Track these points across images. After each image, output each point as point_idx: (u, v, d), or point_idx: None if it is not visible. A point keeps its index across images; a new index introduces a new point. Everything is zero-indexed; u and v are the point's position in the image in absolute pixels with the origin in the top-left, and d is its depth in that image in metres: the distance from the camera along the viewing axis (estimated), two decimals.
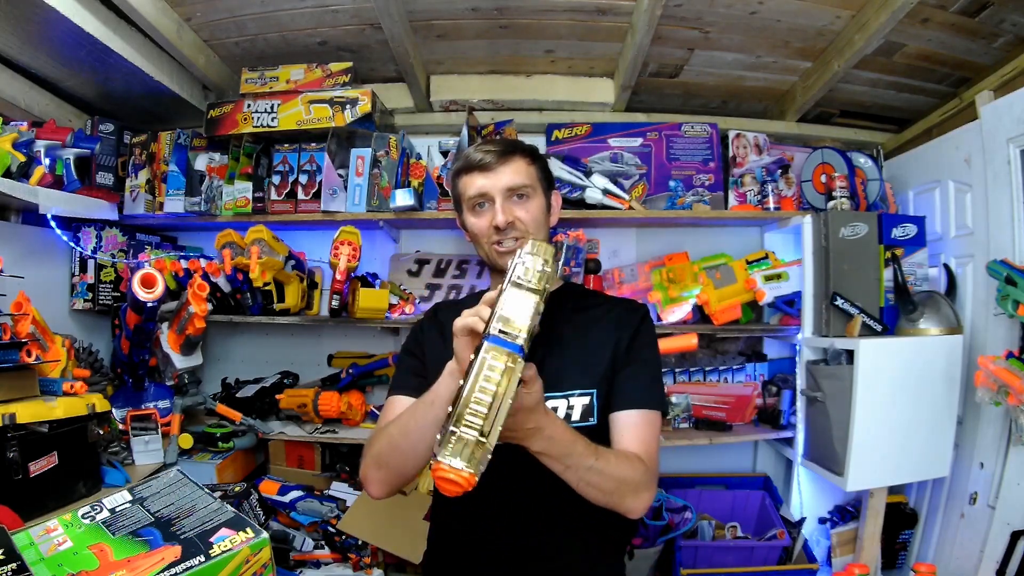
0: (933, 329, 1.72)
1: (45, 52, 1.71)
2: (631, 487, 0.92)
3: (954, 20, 1.65)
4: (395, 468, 0.98)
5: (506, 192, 1.07)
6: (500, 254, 1.08)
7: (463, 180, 1.11)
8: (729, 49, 1.90)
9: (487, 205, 1.08)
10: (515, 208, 1.07)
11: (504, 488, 1.04)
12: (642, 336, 1.08)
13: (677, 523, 1.93)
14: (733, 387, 2.17)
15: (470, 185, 1.09)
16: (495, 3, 1.71)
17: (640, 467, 0.94)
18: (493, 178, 1.07)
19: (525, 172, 1.09)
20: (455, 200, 1.17)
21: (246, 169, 2.03)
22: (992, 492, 1.61)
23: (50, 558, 0.80)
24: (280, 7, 1.71)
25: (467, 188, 1.10)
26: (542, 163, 1.15)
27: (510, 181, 1.07)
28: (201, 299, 1.72)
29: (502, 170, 1.07)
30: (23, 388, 1.38)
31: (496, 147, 1.09)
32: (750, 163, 2.14)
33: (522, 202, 1.08)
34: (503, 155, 1.08)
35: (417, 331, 1.18)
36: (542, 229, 1.11)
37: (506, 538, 1.03)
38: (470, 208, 1.11)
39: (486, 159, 1.07)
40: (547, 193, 1.14)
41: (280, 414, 2.12)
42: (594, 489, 0.90)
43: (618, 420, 1.00)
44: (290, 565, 1.82)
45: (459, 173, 1.13)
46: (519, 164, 1.09)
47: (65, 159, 1.81)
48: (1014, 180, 1.61)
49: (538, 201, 1.10)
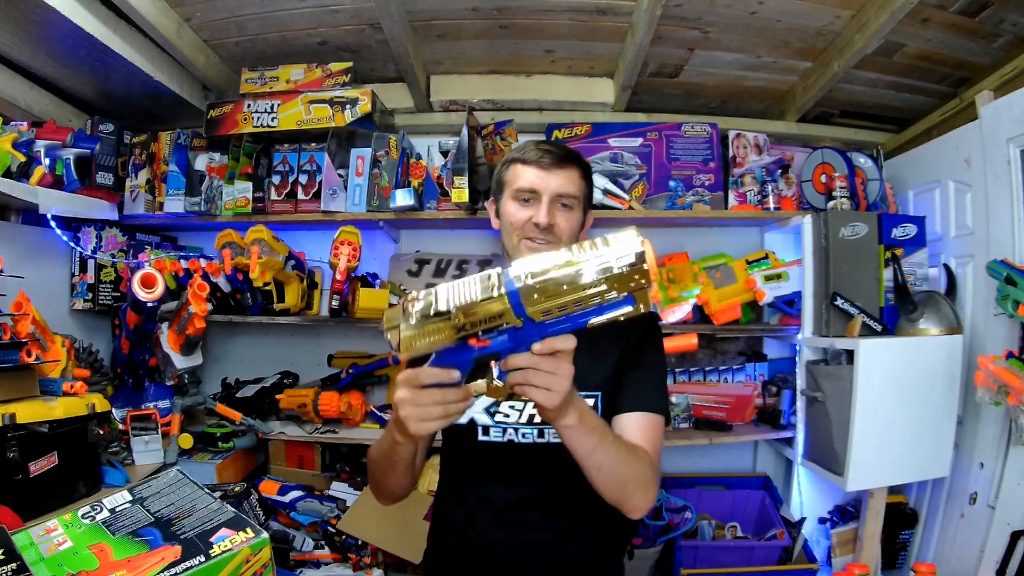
0: (933, 329, 1.72)
1: (45, 52, 1.71)
2: (641, 482, 0.92)
3: (954, 20, 1.65)
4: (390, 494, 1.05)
5: (555, 196, 1.07)
6: (527, 249, 1.08)
7: (515, 169, 1.10)
8: (729, 49, 1.90)
9: (532, 201, 1.08)
10: (558, 214, 1.07)
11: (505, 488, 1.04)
12: (650, 340, 1.08)
13: (677, 523, 1.93)
14: (733, 387, 2.17)
15: (521, 176, 1.08)
16: (495, 3, 1.71)
17: (648, 462, 0.94)
18: (547, 178, 1.07)
19: (576, 184, 1.09)
20: (497, 184, 1.15)
21: (246, 169, 2.03)
22: (992, 492, 1.61)
23: (50, 558, 0.80)
24: (280, 7, 1.71)
25: (517, 178, 1.09)
26: (590, 181, 1.15)
27: (561, 187, 1.07)
28: (201, 299, 1.72)
29: (557, 174, 1.07)
30: (23, 388, 1.38)
31: (557, 150, 1.09)
32: (750, 163, 2.14)
33: (565, 211, 1.08)
34: (562, 160, 1.08)
35: None
36: (572, 242, 1.11)
37: (506, 538, 1.03)
38: (514, 198, 1.10)
39: (545, 159, 1.07)
40: (586, 210, 1.14)
41: (280, 414, 2.12)
42: (609, 478, 0.88)
43: (623, 422, 1.00)
44: (290, 565, 1.82)
45: (513, 162, 1.12)
46: (574, 174, 1.09)
47: (65, 159, 1.81)
48: (1014, 180, 1.61)
49: (578, 215, 1.10)
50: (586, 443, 0.83)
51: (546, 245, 1.07)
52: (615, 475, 0.88)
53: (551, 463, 0.97)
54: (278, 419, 2.12)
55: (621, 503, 0.91)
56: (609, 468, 0.86)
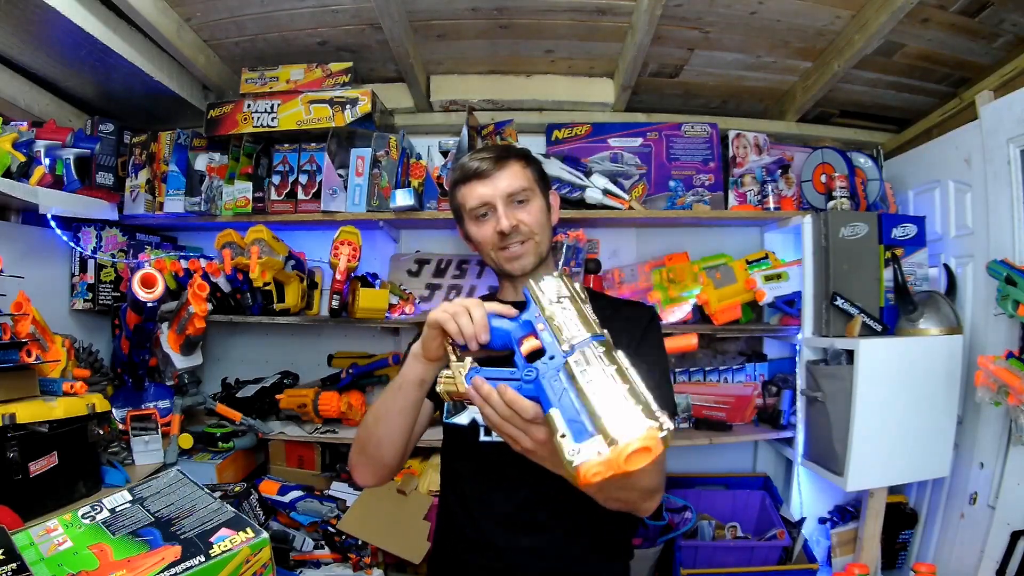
0: (933, 329, 1.72)
1: (45, 52, 1.71)
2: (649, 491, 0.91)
3: (954, 20, 1.65)
4: (374, 455, 1.00)
5: (507, 198, 1.07)
6: (508, 259, 1.09)
7: (462, 191, 1.11)
8: (729, 49, 1.90)
9: (489, 213, 1.08)
10: (517, 212, 1.08)
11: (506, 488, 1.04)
12: (650, 337, 1.08)
13: (677, 523, 1.93)
14: (733, 387, 2.17)
15: (470, 195, 1.09)
16: (495, 3, 1.71)
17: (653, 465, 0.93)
18: (492, 185, 1.07)
19: (522, 175, 1.09)
20: (455, 212, 1.16)
21: (246, 169, 2.03)
22: (992, 492, 1.61)
23: (50, 558, 0.80)
24: (280, 7, 1.71)
25: (467, 198, 1.10)
26: (537, 165, 1.15)
27: (509, 186, 1.07)
28: (201, 299, 1.72)
29: (500, 176, 1.07)
30: (23, 388, 1.38)
31: (491, 153, 1.10)
32: (750, 163, 2.14)
33: (523, 206, 1.09)
34: (499, 161, 1.08)
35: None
36: (545, 230, 1.12)
37: (509, 538, 1.03)
38: (472, 218, 1.11)
39: (483, 166, 1.07)
40: (545, 194, 1.14)
41: (280, 414, 2.12)
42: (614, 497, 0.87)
43: None
44: (290, 565, 1.82)
45: (457, 184, 1.13)
46: (515, 168, 1.09)
47: (65, 159, 1.80)
48: (1014, 180, 1.61)
49: (538, 203, 1.11)
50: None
51: (521, 246, 1.08)
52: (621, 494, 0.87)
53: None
54: (278, 419, 2.12)
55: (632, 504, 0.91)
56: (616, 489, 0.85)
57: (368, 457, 1.01)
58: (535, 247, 1.10)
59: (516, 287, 1.14)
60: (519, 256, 1.09)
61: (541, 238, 1.11)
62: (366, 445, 1.01)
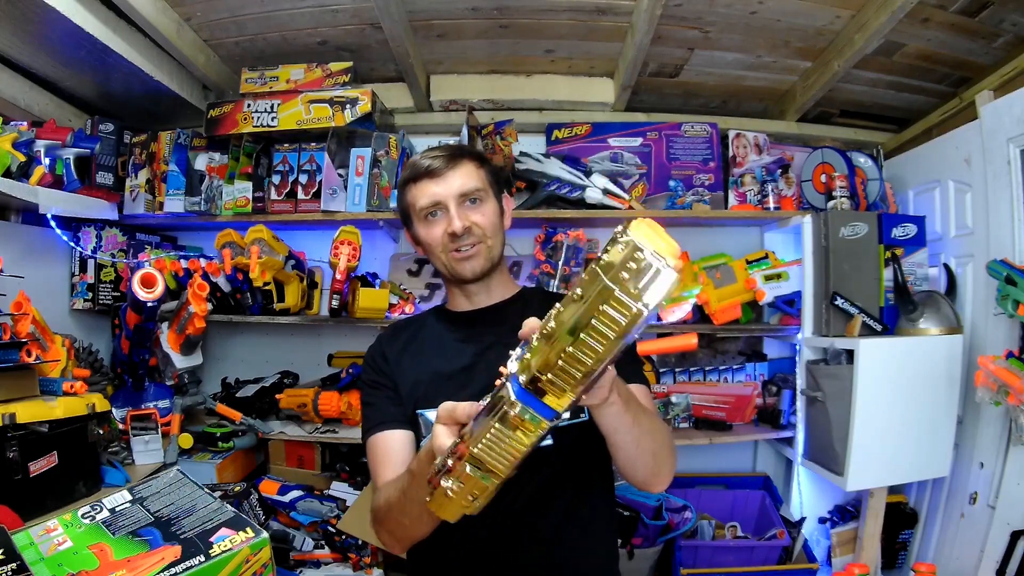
0: (933, 329, 1.72)
1: (45, 52, 1.71)
2: (671, 447, 0.92)
3: (954, 20, 1.65)
4: (403, 537, 0.97)
5: (459, 197, 1.04)
6: (459, 260, 1.05)
7: (412, 190, 1.07)
8: (729, 49, 1.90)
9: (440, 213, 1.04)
10: (470, 213, 1.04)
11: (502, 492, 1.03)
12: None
13: (677, 523, 1.93)
14: (733, 387, 2.17)
15: (421, 194, 1.05)
16: (495, 3, 1.71)
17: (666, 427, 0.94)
18: (444, 184, 1.04)
19: (476, 175, 1.06)
20: (403, 213, 1.12)
21: (246, 169, 2.02)
22: (992, 492, 1.61)
23: (50, 558, 0.81)
24: (280, 7, 1.71)
25: (418, 197, 1.06)
26: (491, 167, 1.12)
27: (463, 185, 1.04)
28: (201, 299, 1.72)
29: (453, 175, 1.04)
30: (23, 388, 1.38)
31: (444, 152, 1.06)
32: (750, 163, 2.14)
33: (476, 207, 1.05)
34: (452, 159, 1.05)
35: (379, 361, 1.10)
36: (498, 233, 1.08)
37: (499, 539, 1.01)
38: (421, 219, 1.07)
39: (435, 164, 1.04)
40: (499, 197, 1.11)
41: (280, 414, 2.12)
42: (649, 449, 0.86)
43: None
44: (290, 565, 1.82)
45: (407, 183, 1.08)
46: (469, 168, 1.06)
47: (65, 159, 1.80)
48: (1014, 180, 1.61)
49: (491, 205, 1.07)
50: (624, 417, 0.80)
51: (473, 248, 1.04)
52: (658, 440, 0.87)
53: (544, 466, 0.95)
54: (278, 419, 2.12)
55: (654, 475, 0.91)
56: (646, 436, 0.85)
57: (400, 538, 0.98)
58: (487, 250, 1.06)
59: (467, 294, 1.11)
60: (470, 257, 1.05)
61: (494, 242, 1.07)
62: (395, 529, 0.96)
